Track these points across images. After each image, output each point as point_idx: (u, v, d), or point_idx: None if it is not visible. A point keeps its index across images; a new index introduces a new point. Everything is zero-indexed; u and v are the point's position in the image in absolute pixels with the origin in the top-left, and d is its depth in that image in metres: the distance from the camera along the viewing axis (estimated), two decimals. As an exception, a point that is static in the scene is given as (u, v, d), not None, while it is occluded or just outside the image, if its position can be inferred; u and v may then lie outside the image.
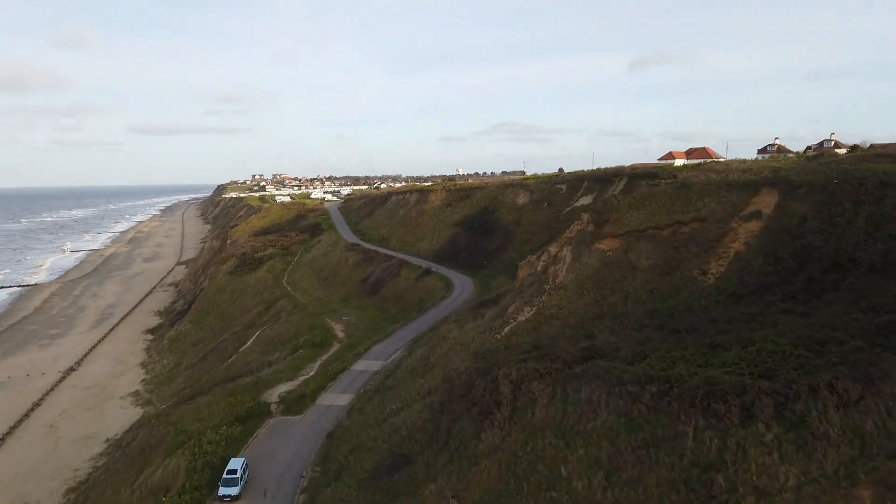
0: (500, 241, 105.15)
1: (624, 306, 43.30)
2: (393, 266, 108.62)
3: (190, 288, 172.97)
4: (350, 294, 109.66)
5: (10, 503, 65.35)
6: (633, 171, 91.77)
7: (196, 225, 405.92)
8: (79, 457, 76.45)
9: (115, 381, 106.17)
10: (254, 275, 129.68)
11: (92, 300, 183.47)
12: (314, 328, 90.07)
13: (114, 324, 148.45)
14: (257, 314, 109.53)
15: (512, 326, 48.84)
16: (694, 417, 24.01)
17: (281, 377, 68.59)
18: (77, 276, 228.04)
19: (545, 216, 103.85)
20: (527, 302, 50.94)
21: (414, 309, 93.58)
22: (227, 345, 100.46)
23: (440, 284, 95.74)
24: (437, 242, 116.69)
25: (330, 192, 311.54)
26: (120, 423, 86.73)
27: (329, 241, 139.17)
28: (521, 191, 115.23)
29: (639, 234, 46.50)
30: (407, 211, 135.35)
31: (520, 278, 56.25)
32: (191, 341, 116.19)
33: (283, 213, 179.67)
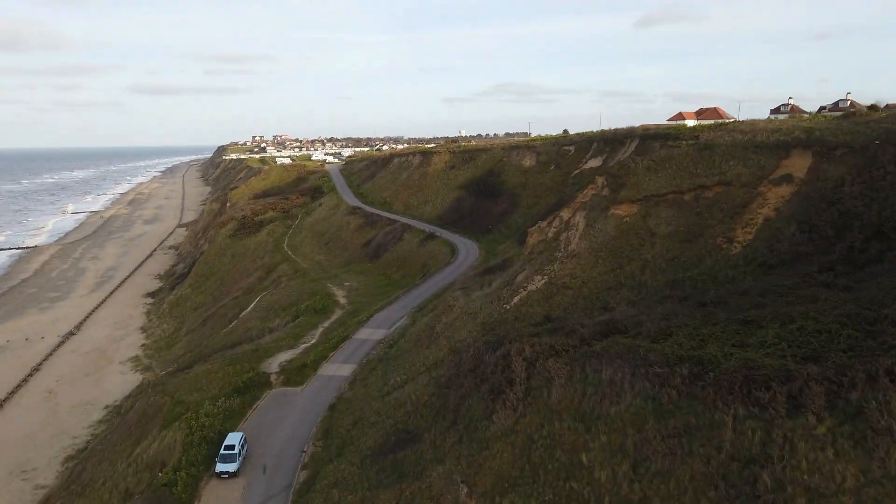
0: (506, 205, 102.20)
1: (642, 276, 40.75)
2: (396, 230, 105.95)
3: (190, 251, 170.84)
4: (352, 258, 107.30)
5: (9, 472, 64.22)
6: (644, 132, 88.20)
7: (197, 187, 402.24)
8: (77, 424, 75.26)
9: (115, 346, 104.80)
10: (254, 238, 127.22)
11: (92, 263, 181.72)
12: (315, 294, 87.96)
13: (114, 287, 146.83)
14: (257, 279, 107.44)
15: (522, 296, 46.42)
16: (733, 405, 21.63)
17: (281, 345, 66.65)
18: (77, 238, 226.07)
19: (552, 179, 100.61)
20: (537, 270, 48.40)
21: (417, 274, 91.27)
22: (227, 310, 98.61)
23: (444, 249, 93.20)
24: (441, 206, 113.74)
25: (331, 154, 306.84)
26: (119, 388, 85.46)
27: (330, 204, 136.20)
28: (527, 153, 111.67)
29: (658, 199, 43.61)
30: (410, 174, 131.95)
31: (529, 245, 53.60)
32: (191, 305, 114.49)
33: (284, 175, 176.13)
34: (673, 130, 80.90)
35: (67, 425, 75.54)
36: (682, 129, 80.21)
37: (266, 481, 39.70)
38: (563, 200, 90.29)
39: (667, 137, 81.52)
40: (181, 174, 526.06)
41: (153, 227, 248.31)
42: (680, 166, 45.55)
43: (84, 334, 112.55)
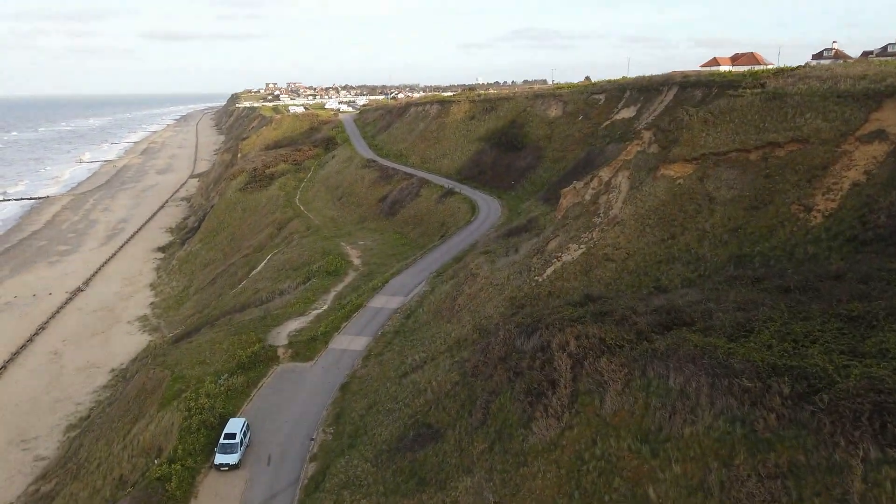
0: (530, 159, 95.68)
1: (699, 248, 35.10)
2: (412, 185, 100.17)
3: (201, 203, 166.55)
4: (366, 215, 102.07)
5: (9, 440, 61.50)
6: (684, 80, 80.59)
7: (210, 136, 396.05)
8: (81, 389, 72.35)
9: (123, 304, 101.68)
10: (265, 192, 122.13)
11: (103, 214, 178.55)
12: (328, 253, 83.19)
13: (124, 240, 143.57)
14: (268, 235, 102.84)
15: (556, 268, 41.05)
16: (861, 443, 16.50)
17: (291, 312, 62.28)
18: (89, 189, 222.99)
19: (580, 131, 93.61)
20: (573, 238, 42.83)
21: (436, 233, 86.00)
22: (236, 268, 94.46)
23: (464, 206, 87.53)
24: (460, 159, 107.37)
25: (345, 103, 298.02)
26: (126, 350, 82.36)
27: (344, 156, 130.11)
28: (552, 102, 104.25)
29: (718, 158, 37.41)
30: (427, 124, 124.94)
31: (563, 208, 47.86)
32: (201, 262, 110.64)
33: (296, 125, 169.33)
34: (717, 77, 73.41)
35: (71, 390, 72.65)
36: (728, 75, 72.69)
37: (270, 474, 35.63)
38: (592, 155, 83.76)
39: (708, 85, 74.15)
40: (195, 122, 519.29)
41: (165, 178, 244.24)
42: (744, 119, 39.05)
43: (92, 290, 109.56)
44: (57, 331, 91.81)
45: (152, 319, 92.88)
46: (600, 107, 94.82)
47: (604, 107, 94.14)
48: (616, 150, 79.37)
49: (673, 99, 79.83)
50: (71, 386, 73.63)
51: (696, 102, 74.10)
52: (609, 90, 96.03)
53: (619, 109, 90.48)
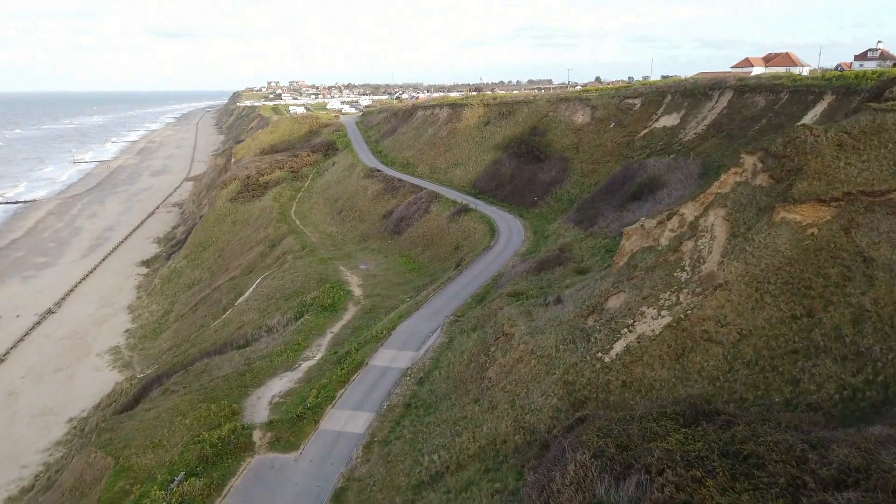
0: (555, 172, 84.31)
1: (858, 337, 24.02)
2: (421, 199, 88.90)
3: (192, 211, 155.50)
4: (369, 232, 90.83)
5: (-68, 517, 50.59)
6: (740, 83, 69.13)
7: (210, 135, 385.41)
8: (32, 444, 61.26)
9: (96, 331, 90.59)
10: (258, 203, 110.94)
11: (89, 221, 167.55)
12: (324, 280, 72.13)
13: (107, 252, 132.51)
14: (259, 254, 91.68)
15: (629, 343, 29.85)
16: None
17: (277, 363, 51.14)
18: (79, 192, 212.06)
19: (613, 140, 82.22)
20: (648, 298, 31.60)
21: (448, 257, 74.79)
22: (221, 294, 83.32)
23: (481, 227, 76.26)
24: (475, 170, 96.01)
25: (347, 103, 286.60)
26: (90, 391, 71.35)
27: (345, 163, 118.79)
28: (578, 106, 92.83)
29: (871, 200, 26.19)
30: (437, 130, 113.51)
31: (625, 252, 36.61)
32: (184, 282, 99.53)
33: (294, 128, 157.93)
34: (787, 81, 61.97)
35: (21, 445, 61.59)
36: (803, 80, 61.21)
37: None
38: (631, 170, 72.32)
39: (775, 90, 62.73)
40: (195, 121, 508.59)
41: (160, 180, 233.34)
42: (898, 144, 28.22)
43: (64, 312, 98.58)
44: (18, 363, 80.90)
45: (125, 352, 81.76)
46: (635, 113, 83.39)
47: (640, 113, 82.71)
48: (661, 166, 68.10)
49: (727, 106, 68.44)
50: (21, 440, 62.62)
51: (758, 111, 62.78)
52: (645, 94, 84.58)
53: (659, 116, 79.07)
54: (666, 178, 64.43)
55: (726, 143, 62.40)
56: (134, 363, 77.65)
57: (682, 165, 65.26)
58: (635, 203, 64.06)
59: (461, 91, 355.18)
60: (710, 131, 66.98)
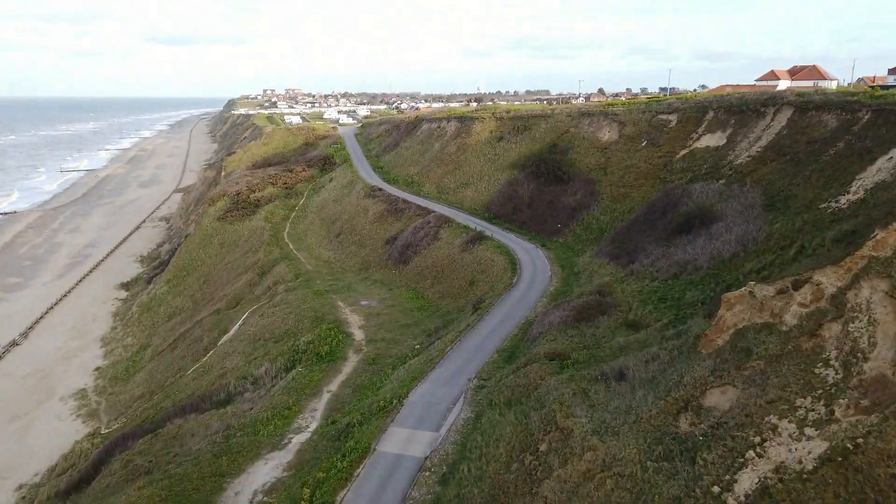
0: (581, 195, 75.21)
1: None
2: (429, 224, 79.66)
3: (179, 227, 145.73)
4: (370, 260, 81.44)
5: None
6: (800, 99, 60.23)
7: (203, 143, 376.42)
8: (-31, 521, 51.62)
9: (63, 368, 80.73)
10: (248, 223, 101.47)
11: (69, 236, 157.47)
12: (321, 320, 62.82)
13: (84, 273, 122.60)
14: (247, 283, 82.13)
15: (763, 479, 20.65)
16: None
17: (261, 438, 41.64)
18: (63, 203, 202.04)
19: (648, 161, 73.21)
20: (777, 404, 22.44)
21: (462, 294, 65.42)
22: (203, 331, 73.66)
23: (500, 258, 67.02)
24: (488, 191, 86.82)
25: (345, 112, 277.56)
26: (47, 449, 61.49)
27: (343, 180, 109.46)
28: (603, 122, 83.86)
29: None
30: (444, 145, 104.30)
31: (726, 326, 27.43)
32: (164, 311, 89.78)
33: (289, 140, 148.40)
34: (865, 98, 53.07)
35: (-43, 521, 51.97)
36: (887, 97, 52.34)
37: None
38: (673, 196, 63.19)
39: (850, 108, 53.83)
40: (189, 129, 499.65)
41: (148, 192, 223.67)
42: None
43: (31, 345, 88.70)
44: (-30, 409, 71.04)
45: (92, 397, 71.94)
46: (671, 130, 74.44)
47: (677, 131, 73.77)
48: (711, 194, 58.99)
49: (787, 125, 59.49)
50: (-43, 513, 52.92)
51: (830, 133, 53.82)
52: (682, 109, 75.64)
53: (700, 135, 70.13)
54: (720, 209, 55.35)
55: (793, 169, 53.40)
56: (101, 412, 67.88)
57: (737, 194, 56.21)
58: (684, 237, 54.97)
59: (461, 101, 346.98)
60: (769, 154, 57.98)
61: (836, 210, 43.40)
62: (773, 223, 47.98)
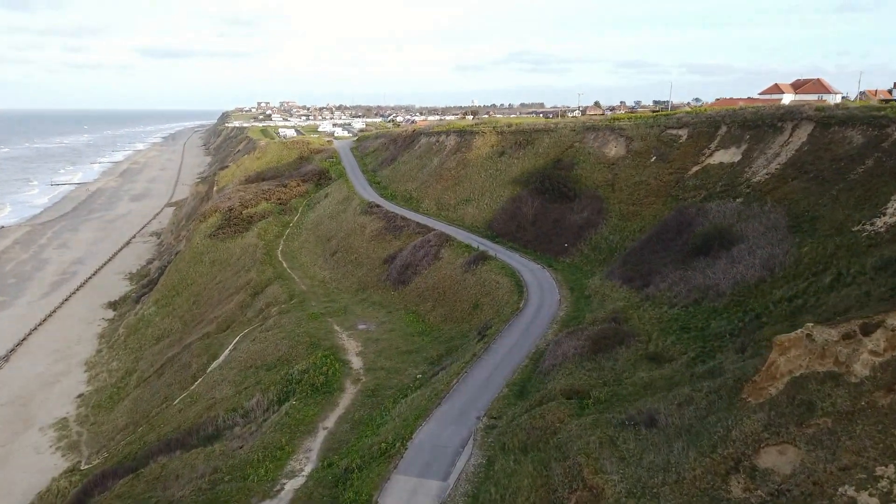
0: (588, 213, 72.12)
1: None
2: (429, 243, 76.37)
3: (170, 243, 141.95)
4: (368, 280, 77.94)
5: None
6: (820, 114, 57.47)
7: (196, 156, 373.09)
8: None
9: (45, 395, 76.72)
10: (240, 240, 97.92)
11: (57, 252, 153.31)
12: (316, 346, 59.32)
13: (71, 291, 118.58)
14: (239, 305, 78.47)
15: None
16: None
17: (251, 484, 38.01)
18: (52, 218, 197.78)
19: (658, 178, 70.25)
20: (852, 472, 19.17)
21: (466, 319, 62.02)
22: (192, 356, 69.86)
23: (505, 280, 63.70)
24: (490, 208, 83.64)
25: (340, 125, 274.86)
26: (23, 487, 57.48)
27: (339, 195, 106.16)
28: (609, 137, 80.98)
29: None
30: (443, 160, 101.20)
31: (780, 373, 24.14)
32: (152, 334, 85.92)
33: (283, 154, 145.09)
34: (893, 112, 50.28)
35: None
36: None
37: None
38: (687, 215, 60.14)
39: (877, 124, 51.01)
40: (183, 141, 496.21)
41: (139, 206, 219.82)
42: None
43: (11, 369, 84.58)
44: (-57, 440, 66.97)
45: (73, 427, 67.97)
46: (682, 146, 71.58)
47: (687, 146, 70.91)
48: (728, 213, 55.98)
49: (808, 141, 56.63)
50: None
51: (856, 149, 50.96)
52: (692, 124, 72.83)
53: (713, 150, 67.26)
54: (740, 230, 52.30)
55: (817, 188, 50.45)
56: (82, 444, 63.90)
57: (757, 214, 53.21)
58: (702, 259, 51.86)
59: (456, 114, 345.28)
60: (790, 172, 55.06)
61: (872, 234, 40.35)
62: (802, 246, 44.91)
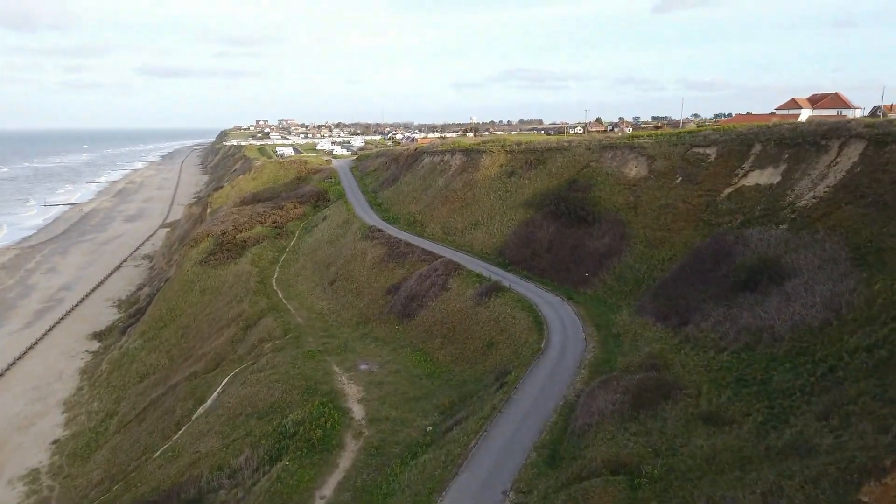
0: (609, 239, 66.22)
1: None
2: (436, 272, 70.39)
3: (162, 268, 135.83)
4: (369, 312, 71.81)
5: None
6: (873, 132, 51.77)
7: (194, 175, 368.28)
8: None
9: (19, 439, 70.23)
10: (232, 267, 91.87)
11: (44, 278, 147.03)
12: (313, 390, 53.15)
13: (56, 320, 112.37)
14: (230, 340, 72.23)
15: None
16: None
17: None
18: (42, 240, 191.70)
19: (686, 200, 64.44)
20: None
21: (480, 358, 55.88)
22: (177, 400, 63.48)
23: (521, 315, 57.62)
24: (501, 233, 77.72)
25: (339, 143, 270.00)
26: (-18, 554, 51.13)
27: (338, 218, 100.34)
28: (629, 155, 75.34)
29: None
30: (448, 180, 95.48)
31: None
32: (137, 370, 79.52)
33: (279, 174, 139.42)
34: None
35: None
36: None
37: None
38: (724, 244, 54.29)
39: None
40: (181, 160, 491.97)
41: (133, 227, 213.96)
42: None
43: (-16, 409, 78.19)
44: None
45: (45, 480, 61.38)
46: (711, 165, 65.87)
47: (717, 166, 65.21)
48: (774, 242, 50.07)
49: (860, 161, 50.89)
50: None
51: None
52: (721, 141, 67.16)
53: (747, 171, 61.54)
54: (790, 262, 46.38)
55: (879, 214, 44.62)
56: (52, 501, 57.32)
57: (808, 243, 47.32)
58: (749, 295, 45.94)
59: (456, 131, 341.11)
60: (843, 196, 49.25)
61: (961, 270, 34.31)
62: (872, 283, 38.98)
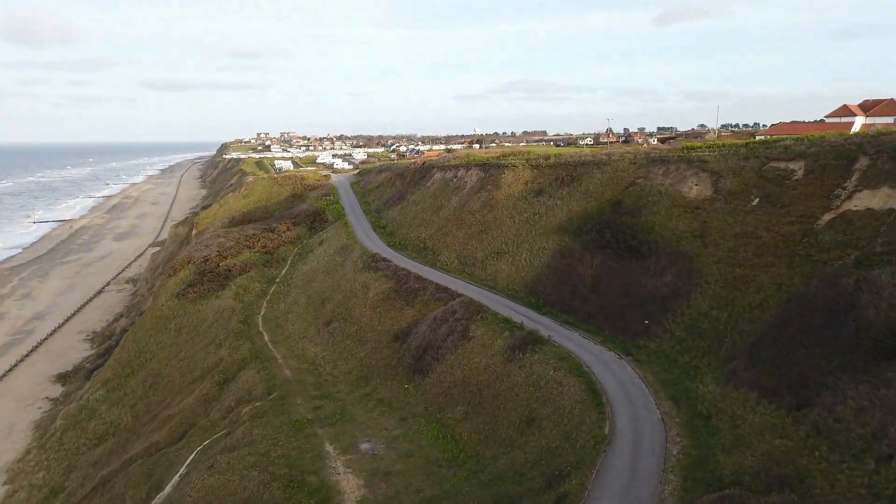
0: (671, 276, 52.91)
1: None
2: (454, 314, 57.09)
3: (143, 295, 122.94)
4: (373, 364, 58.50)
5: None
6: None
7: (192, 189, 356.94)
8: None
9: (-60, 523, 57.09)
10: (214, 301, 78.75)
11: (17, 305, 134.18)
12: (298, 484, 40.16)
13: (22, 355, 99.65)
14: (201, 399, 58.90)
15: None
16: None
17: None
18: (24, 261, 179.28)
19: (771, 228, 51.14)
20: None
21: (516, 438, 42.57)
22: (128, 486, 50.00)
23: (570, 381, 44.24)
24: (531, 264, 64.42)
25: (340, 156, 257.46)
26: None
27: (336, 243, 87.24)
28: (687, 171, 62.17)
29: None
30: (464, 199, 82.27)
31: None
32: (94, 431, 66.17)
33: (273, 191, 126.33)
34: None
35: None
36: None
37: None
38: (842, 289, 41.03)
39: None
40: (180, 173, 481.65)
41: (123, 246, 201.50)
42: None
43: (-86, 477, 65.06)
44: None
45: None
46: (799, 184, 52.64)
47: (808, 184, 51.98)
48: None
49: None
50: None
51: None
52: (811, 154, 53.94)
53: (852, 192, 48.33)
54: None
55: None
56: None
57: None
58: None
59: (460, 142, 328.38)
60: None
61: None
62: None
